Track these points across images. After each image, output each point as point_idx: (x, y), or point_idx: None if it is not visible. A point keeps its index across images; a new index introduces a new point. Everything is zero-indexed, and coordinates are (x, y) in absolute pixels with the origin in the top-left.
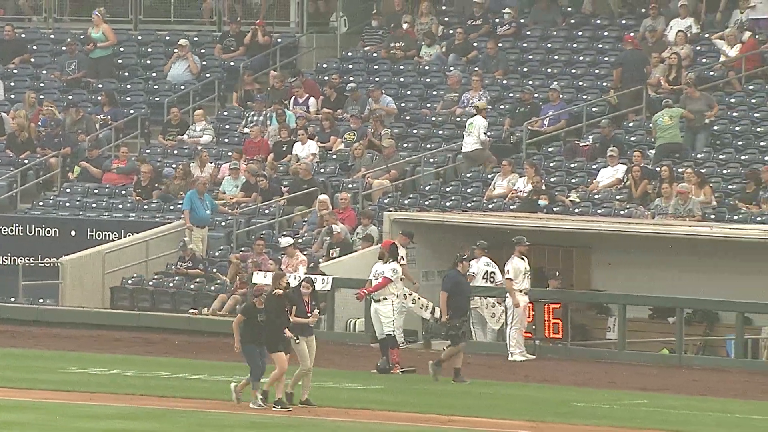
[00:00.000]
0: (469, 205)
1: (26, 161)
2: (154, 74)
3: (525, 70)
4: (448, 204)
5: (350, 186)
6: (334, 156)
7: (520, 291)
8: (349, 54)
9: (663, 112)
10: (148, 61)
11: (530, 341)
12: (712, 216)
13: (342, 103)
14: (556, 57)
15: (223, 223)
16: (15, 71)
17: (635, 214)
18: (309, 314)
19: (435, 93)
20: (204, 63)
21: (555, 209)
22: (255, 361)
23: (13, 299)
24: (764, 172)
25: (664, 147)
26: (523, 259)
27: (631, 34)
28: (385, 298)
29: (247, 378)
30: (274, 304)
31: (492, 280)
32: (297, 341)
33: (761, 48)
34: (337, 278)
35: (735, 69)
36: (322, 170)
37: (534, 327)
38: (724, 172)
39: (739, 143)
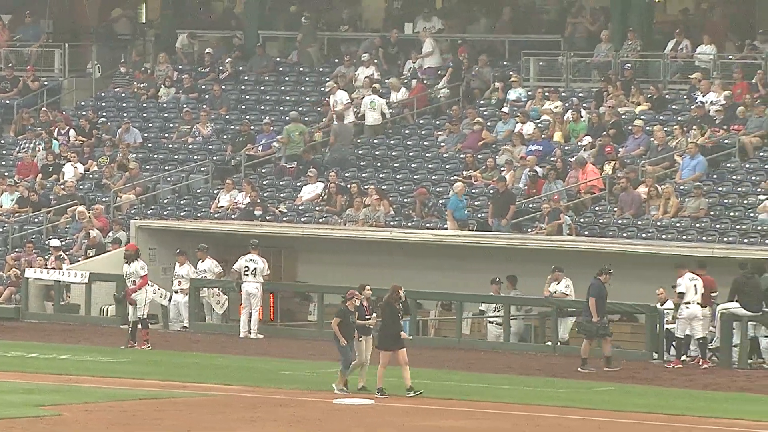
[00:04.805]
0: (199, 214)
1: None
2: None
3: (243, 107)
4: (182, 214)
5: (104, 199)
6: (91, 175)
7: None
8: (102, 94)
9: (293, 126)
10: None
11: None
12: (392, 223)
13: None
14: (267, 97)
15: (0, 230)
16: None
17: (331, 222)
18: (368, 317)
19: (171, 125)
20: None
21: (268, 218)
22: (347, 354)
23: None
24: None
25: (291, 156)
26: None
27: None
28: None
29: (347, 370)
30: (389, 310)
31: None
32: (360, 339)
33: (428, 90)
34: (93, 273)
35: (409, 107)
36: (81, 186)
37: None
38: (401, 188)
39: (413, 165)
